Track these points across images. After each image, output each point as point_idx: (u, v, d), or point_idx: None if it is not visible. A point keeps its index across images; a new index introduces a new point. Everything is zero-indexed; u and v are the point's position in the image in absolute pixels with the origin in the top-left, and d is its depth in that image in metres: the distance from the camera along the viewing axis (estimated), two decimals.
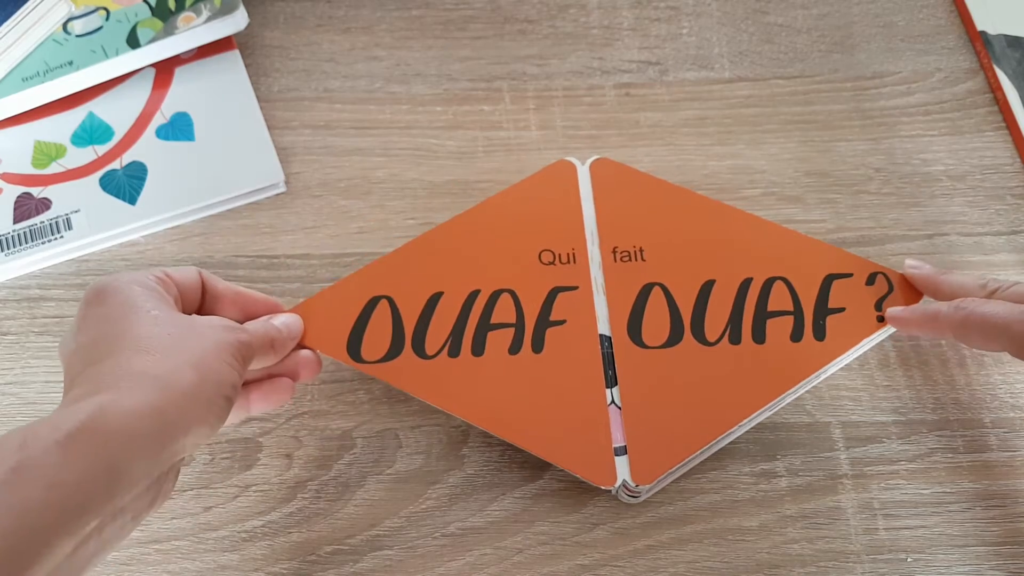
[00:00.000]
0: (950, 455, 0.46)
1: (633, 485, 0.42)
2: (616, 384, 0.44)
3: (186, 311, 0.41)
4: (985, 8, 0.61)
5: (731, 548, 0.44)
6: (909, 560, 0.44)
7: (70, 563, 0.31)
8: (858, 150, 0.56)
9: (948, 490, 0.46)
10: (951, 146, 0.56)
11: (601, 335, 0.45)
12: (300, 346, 0.44)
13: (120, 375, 0.33)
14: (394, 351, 0.44)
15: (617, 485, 0.42)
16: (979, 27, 0.60)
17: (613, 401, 0.43)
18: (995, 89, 0.58)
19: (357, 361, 0.44)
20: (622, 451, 0.42)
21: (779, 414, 0.47)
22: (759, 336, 0.45)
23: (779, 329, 0.45)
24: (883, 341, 0.49)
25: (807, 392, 0.48)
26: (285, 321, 0.43)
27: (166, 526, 0.45)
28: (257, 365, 0.41)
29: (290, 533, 0.45)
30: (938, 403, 0.48)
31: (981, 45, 0.59)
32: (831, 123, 0.57)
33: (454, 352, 0.44)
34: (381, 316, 0.45)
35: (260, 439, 0.47)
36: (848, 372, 0.49)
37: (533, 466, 0.46)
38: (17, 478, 0.29)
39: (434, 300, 0.45)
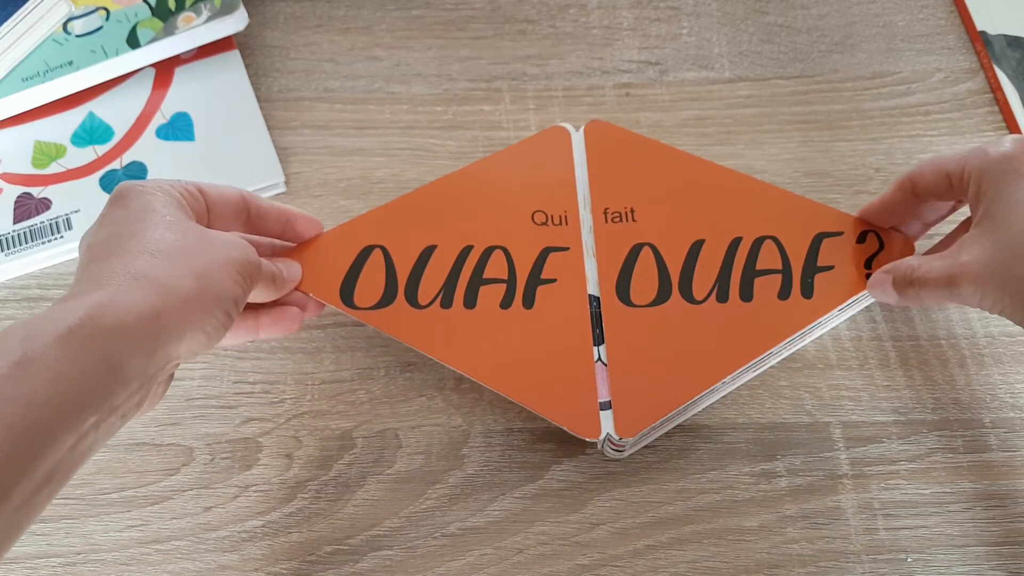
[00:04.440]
0: (950, 455, 0.46)
1: (617, 438, 0.42)
2: (603, 342, 0.44)
3: (213, 227, 0.41)
4: (985, 8, 0.61)
5: (731, 548, 0.44)
6: (909, 560, 0.44)
7: (69, 457, 0.31)
8: (858, 150, 0.56)
9: (948, 490, 0.46)
10: (951, 146, 0.56)
11: (590, 295, 0.45)
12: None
13: (122, 274, 0.34)
14: (387, 299, 0.45)
15: (602, 438, 0.43)
16: (979, 27, 0.60)
17: (600, 359, 0.44)
18: (995, 89, 0.58)
19: (350, 307, 0.44)
20: (607, 406, 0.43)
21: (779, 414, 0.47)
22: (746, 294, 0.45)
23: (767, 287, 0.45)
24: (883, 341, 0.49)
25: (807, 392, 0.48)
26: (289, 265, 0.44)
27: (166, 526, 0.45)
28: (257, 298, 0.42)
29: (290, 533, 0.45)
30: (938, 403, 0.48)
31: (981, 45, 0.59)
32: (831, 123, 0.57)
33: (446, 303, 0.45)
34: (375, 265, 0.46)
35: (260, 439, 0.47)
36: (848, 372, 0.49)
37: (533, 466, 0.46)
38: (22, 371, 0.30)
39: (428, 252, 0.46)
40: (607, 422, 0.42)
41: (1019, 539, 0.44)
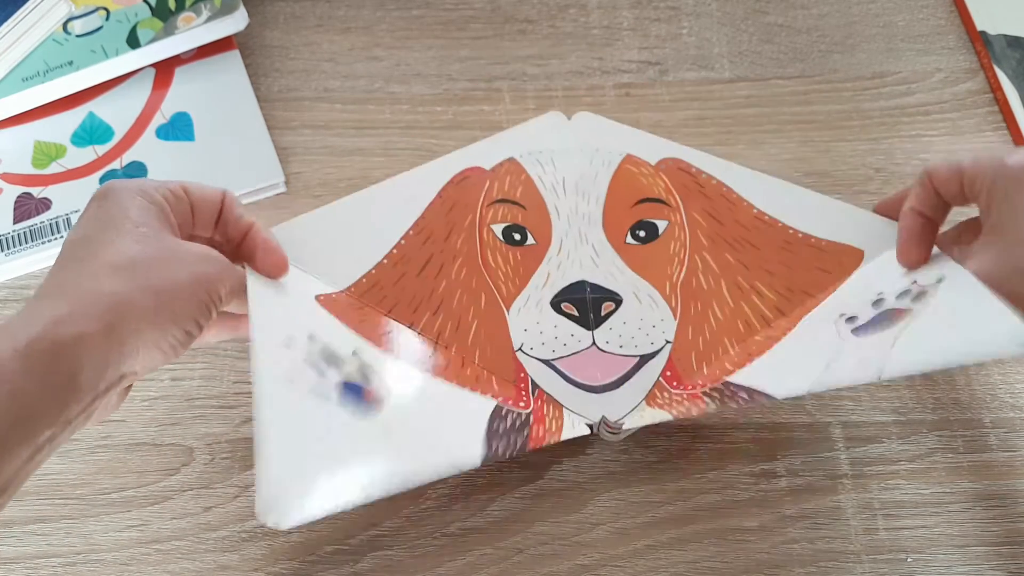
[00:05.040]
0: (950, 455, 0.46)
1: (612, 421, 0.43)
2: (598, 327, 0.45)
3: (197, 231, 0.41)
4: (985, 8, 0.61)
5: (731, 548, 0.44)
6: (909, 560, 0.44)
7: (24, 470, 0.32)
8: (858, 150, 0.56)
9: (948, 490, 0.46)
10: (951, 146, 0.56)
11: (582, 281, 0.47)
12: None
13: (82, 287, 0.34)
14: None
15: (598, 421, 0.43)
16: (979, 27, 0.60)
17: (594, 343, 0.45)
18: (995, 89, 0.58)
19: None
20: (601, 389, 0.44)
21: (779, 414, 0.47)
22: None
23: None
24: None
25: (807, 392, 0.48)
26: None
27: (166, 526, 0.45)
28: (242, 311, 0.41)
29: (290, 533, 0.45)
30: (938, 403, 0.48)
31: (981, 45, 0.60)
32: (831, 123, 0.57)
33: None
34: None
35: None
36: None
37: (533, 466, 0.46)
38: None
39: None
40: (603, 406, 0.43)
41: (1019, 539, 0.44)
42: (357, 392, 0.41)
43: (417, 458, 0.40)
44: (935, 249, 0.45)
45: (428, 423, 0.42)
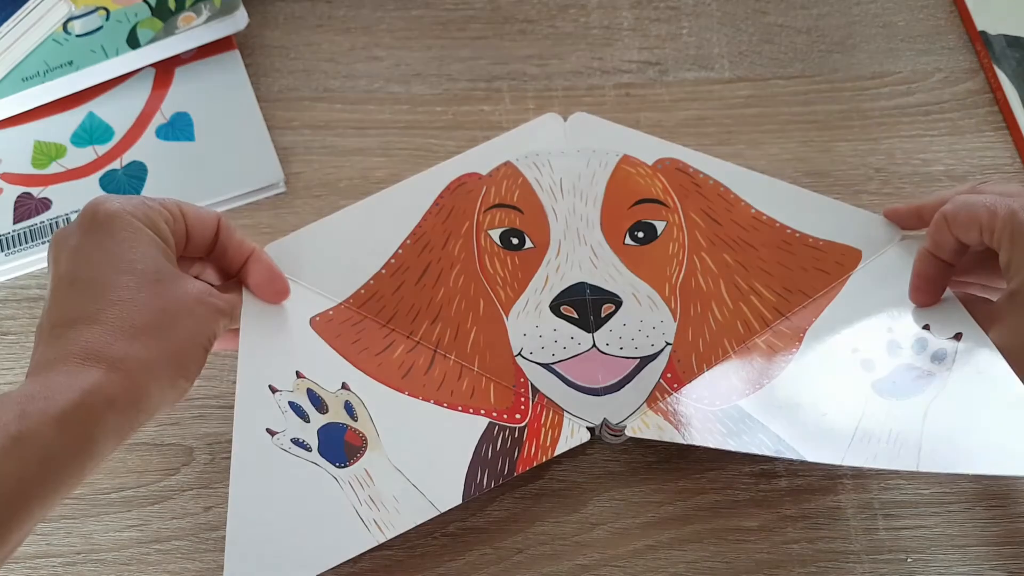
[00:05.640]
0: None
1: (614, 423, 0.43)
2: (598, 329, 0.45)
3: (189, 252, 0.42)
4: (985, 8, 0.61)
5: (731, 548, 0.44)
6: (909, 560, 0.44)
7: (30, 528, 0.33)
8: (858, 150, 0.56)
9: (948, 490, 0.46)
10: (951, 146, 0.56)
11: (581, 283, 0.47)
12: None
13: (108, 354, 0.35)
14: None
15: (599, 424, 0.44)
16: (979, 27, 0.60)
17: (595, 345, 0.45)
18: (995, 89, 0.58)
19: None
20: (602, 391, 0.44)
21: None
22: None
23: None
24: None
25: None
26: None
27: (166, 526, 0.45)
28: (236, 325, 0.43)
29: None
30: None
31: (981, 45, 0.60)
32: (831, 123, 0.57)
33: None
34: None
35: None
36: None
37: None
38: (18, 449, 0.31)
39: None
40: (605, 408, 0.44)
41: (1019, 539, 0.44)
42: (339, 434, 0.41)
43: (399, 502, 0.40)
44: (949, 293, 0.45)
45: (411, 459, 0.42)
